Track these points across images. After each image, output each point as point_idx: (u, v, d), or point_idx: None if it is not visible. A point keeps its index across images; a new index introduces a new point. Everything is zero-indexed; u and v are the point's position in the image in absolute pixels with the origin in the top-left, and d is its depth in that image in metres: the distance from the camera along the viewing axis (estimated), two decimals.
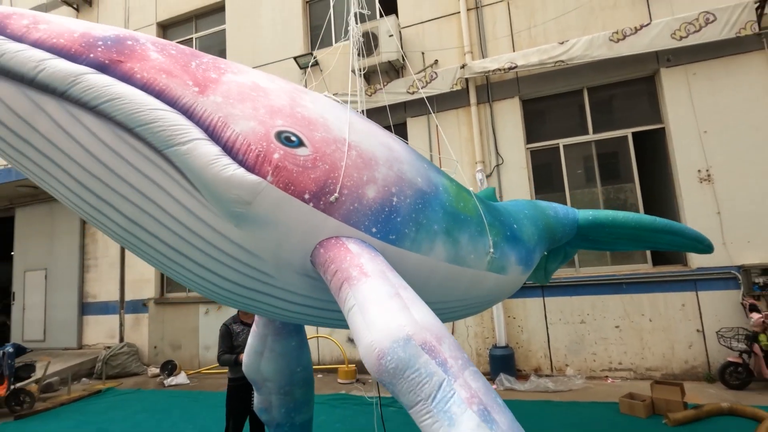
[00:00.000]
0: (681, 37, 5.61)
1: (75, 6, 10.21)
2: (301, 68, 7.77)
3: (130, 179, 1.51)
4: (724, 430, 3.87)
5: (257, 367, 2.91)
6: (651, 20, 5.86)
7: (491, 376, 5.96)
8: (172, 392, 6.70)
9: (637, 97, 6.20)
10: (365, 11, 4.53)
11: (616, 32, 5.86)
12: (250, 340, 2.96)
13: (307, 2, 8.24)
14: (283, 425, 3.06)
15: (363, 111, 4.35)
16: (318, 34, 8.19)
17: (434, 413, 1.30)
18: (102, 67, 1.44)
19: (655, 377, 5.33)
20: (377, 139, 2.05)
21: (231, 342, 3.62)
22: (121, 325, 8.77)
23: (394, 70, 7.18)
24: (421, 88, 6.79)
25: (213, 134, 1.49)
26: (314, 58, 7.53)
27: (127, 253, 8.89)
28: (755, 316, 4.92)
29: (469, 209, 2.49)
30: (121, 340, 8.68)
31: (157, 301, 8.53)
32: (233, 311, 7.86)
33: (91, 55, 1.45)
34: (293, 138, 1.62)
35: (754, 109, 5.42)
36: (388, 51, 6.80)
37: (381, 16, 6.79)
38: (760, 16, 5.35)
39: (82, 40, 1.48)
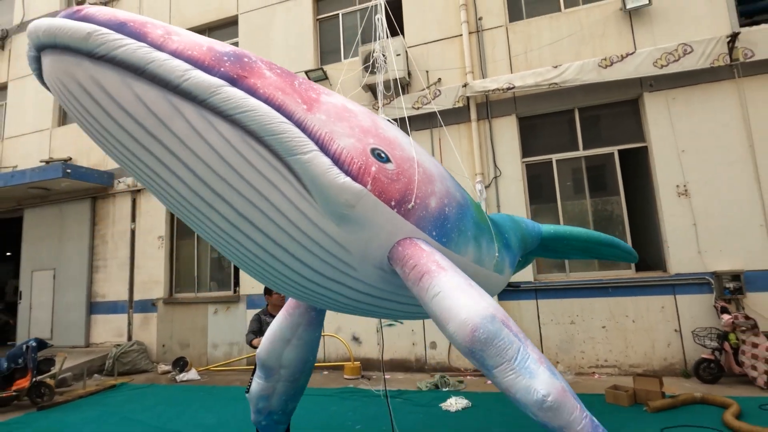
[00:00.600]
0: (662, 66, 6.23)
1: None
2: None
3: (250, 179, 1.79)
4: (696, 416, 4.38)
5: (279, 354, 3.12)
6: (636, 49, 6.47)
7: None
8: (185, 387, 7.02)
9: (623, 117, 6.80)
10: (386, 38, 4.95)
11: (605, 59, 6.46)
12: (277, 329, 3.16)
13: (317, 20, 8.73)
14: (276, 413, 3.29)
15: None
16: (327, 49, 8.72)
17: (517, 370, 1.78)
18: (231, 81, 1.68)
19: (637, 373, 5.85)
20: (429, 158, 2.53)
21: (260, 329, 3.96)
22: (130, 324, 9.05)
23: (400, 86, 7.68)
24: (425, 104, 7.32)
25: (321, 147, 1.80)
26: (323, 72, 8.02)
27: (137, 254, 9.20)
28: (726, 317, 5.48)
29: (484, 220, 2.99)
30: (129, 338, 8.95)
31: (166, 301, 8.84)
32: (240, 314, 8.22)
33: (222, 69, 1.68)
34: (383, 155, 2.03)
35: (726, 131, 6.04)
36: (395, 69, 7.31)
37: (388, 37, 7.31)
38: (731, 49, 5.99)
39: (211, 54, 1.70)
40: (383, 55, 7.27)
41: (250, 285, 8.18)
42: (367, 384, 6.44)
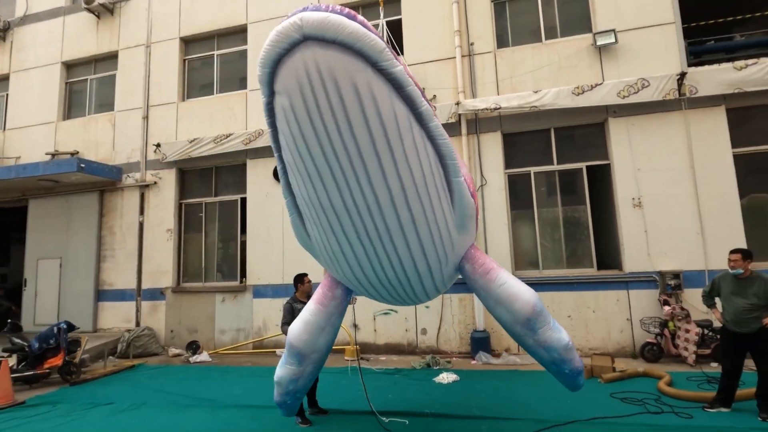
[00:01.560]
0: (624, 96, 7.36)
1: (96, 13, 10.93)
2: None
3: (428, 192, 2.50)
4: (638, 385, 5.50)
5: (314, 341, 3.43)
6: (603, 80, 7.59)
7: (472, 354, 7.47)
8: (200, 367, 7.76)
9: (591, 138, 7.92)
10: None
11: (577, 87, 7.54)
12: (312, 321, 3.42)
13: None
14: (300, 391, 3.70)
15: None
16: None
17: (552, 329, 3.05)
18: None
19: (592, 354, 6.99)
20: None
21: (293, 316, 4.73)
22: (138, 311, 9.64)
23: None
24: None
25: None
26: None
27: (145, 246, 9.77)
28: (667, 308, 6.68)
29: None
30: (138, 324, 9.55)
31: (174, 290, 9.48)
32: (247, 302, 8.87)
33: (428, 102, 2.41)
34: (471, 186, 2.99)
35: (674, 154, 7.24)
36: None
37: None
38: (680, 86, 7.16)
39: (419, 87, 2.31)
40: None
41: (257, 276, 8.95)
42: (366, 363, 7.35)
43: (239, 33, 10.05)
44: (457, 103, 8.09)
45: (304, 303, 4.96)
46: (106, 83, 11.00)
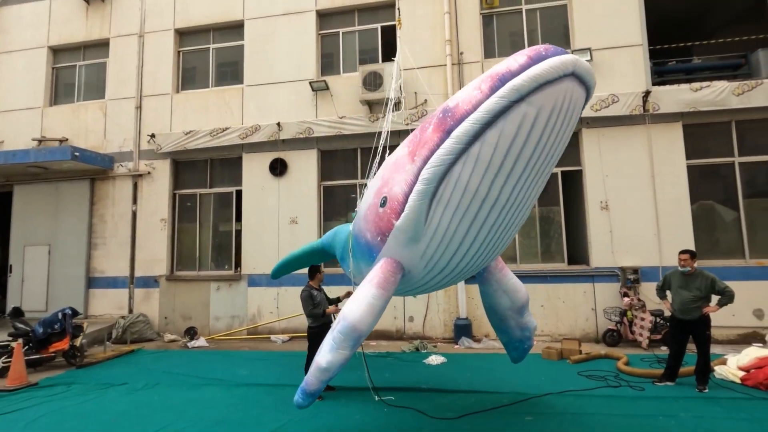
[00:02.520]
0: (596, 110, 8.19)
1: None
2: (313, 90, 9.43)
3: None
4: (601, 365, 6.37)
5: (374, 324, 3.61)
6: None
7: (455, 339, 8.21)
8: (200, 351, 8.15)
9: (567, 146, 8.71)
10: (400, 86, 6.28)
11: None
12: (376, 302, 3.49)
13: (319, 34, 9.87)
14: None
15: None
16: (328, 61, 9.91)
17: (530, 314, 4.49)
18: None
19: (564, 338, 7.88)
20: None
21: (313, 301, 5.31)
22: (131, 298, 9.85)
23: (394, 104, 9.10)
24: (414, 121, 8.82)
25: None
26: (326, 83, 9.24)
27: (139, 235, 9.97)
28: (626, 299, 7.61)
29: None
30: (131, 311, 9.77)
31: (169, 278, 9.74)
32: (242, 290, 9.17)
33: None
34: None
35: (637, 164, 8.14)
36: (391, 89, 8.72)
37: (402, 70, 8.65)
38: (644, 102, 8.05)
39: None
40: (376, 73, 8.66)
41: (251, 266, 9.36)
42: (359, 348, 7.95)
43: (235, 28, 10.26)
44: None
45: (320, 290, 5.52)
46: (95, 70, 10.97)
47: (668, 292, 5.43)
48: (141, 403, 5.23)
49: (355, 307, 3.50)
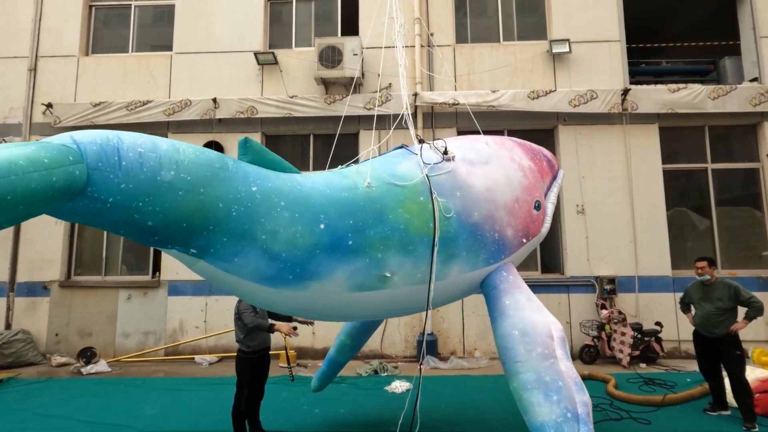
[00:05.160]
0: (574, 105, 7.56)
1: None
2: (259, 64, 7.99)
3: None
4: (588, 387, 5.55)
5: None
6: (556, 88, 7.73)
7: (418, 357, 7.10)
8: (97, 380, 6.34)
9: (541, 143, 7.91)
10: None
11: (533, 92, 7.58)
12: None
13: (268, 1, 8.45)
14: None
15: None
16: (278, 32, 8.52)
17: None
18: None
19: None
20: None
21: (256, 314, 3.89)
22: (9, 309, 7.71)
23: (353, 85, 7.91)
24: (378, 106, 7.68)
25: None
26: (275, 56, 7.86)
27: (24, 229, 7.88)
28: (603, 312, 6.96)
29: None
30: (8, 326, 7.63)
31: (63, 284, 7.74)
32: (160, 300, 7.50)
33: None
34: None
35: (614, 166, 7.61)
36: (350, 68, 7.53)
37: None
38: (623, 101, 7.55)
39: None
40: (336, 48, 7.46)
41: (174, 270, 7.64)
42: (304, 371, 6.61)
43: None
44: (415, 94, 7.69)
45: None
46: None
47: (691, 306, 4.70)
48: None
49: (545, 314, 3.02)
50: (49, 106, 7.96)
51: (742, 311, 4.30)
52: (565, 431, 2.42)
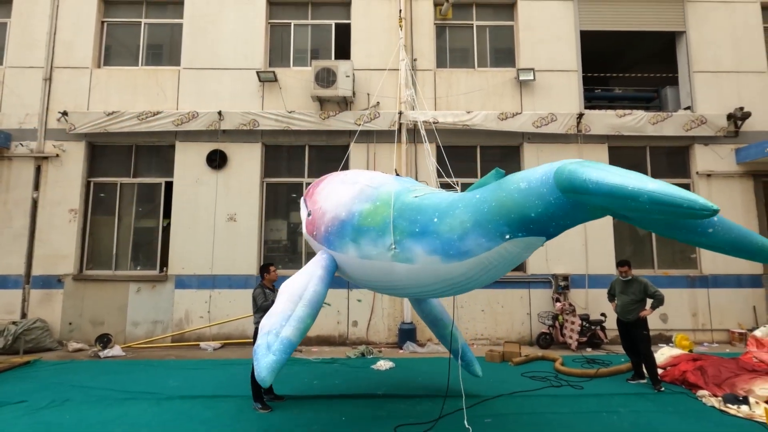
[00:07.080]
0: (537, 126, 8.75)
1: None
2: (260, 81, 8.89)
3: None
4: (540, 366, 6.71)
5: None
6: (522, 110, 8.90)
7: (399, 344, 8.15)
8: (115, 362, 7.13)
9: (509, 158, 9.20)
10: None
11: (502, 113, 8.74)
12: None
13: (269, 23, 9.36)
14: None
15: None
16: (278, 52, 9.44)
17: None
18: None
19: (503, 342, 8.22)
20: (336, 196, 4.14)
21: (265, 299, 4.87)
22: (25, 300, 8.37)
23: (345, 103, 8.90)
24: (366, 122, 8.70)
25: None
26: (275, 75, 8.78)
27: (40, 226, 8.57)
28: (558, 304, 8.16)
29: (374, 222, 3.60)
30: (23, 316, 8.30)
31: (76, 278, 8.46)
32: (167, 293, 8.27)
33: None
34: (309, 211, 3.69)
35: None
36: (343, 87, 8.51)
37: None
38: (578, 124, 8.78)
39: None
40: (330, 70, 8.43)
41: (180, 266, 8.48)
42: (300, 354, 7.55)
43: (173, 4, 9.36)
44: (400, 113, 8.73)
45: (273, 291, 5.10)
46: None
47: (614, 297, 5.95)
48: (48, 425, 4.38)
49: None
50: (65, 114, 8.66)
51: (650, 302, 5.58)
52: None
